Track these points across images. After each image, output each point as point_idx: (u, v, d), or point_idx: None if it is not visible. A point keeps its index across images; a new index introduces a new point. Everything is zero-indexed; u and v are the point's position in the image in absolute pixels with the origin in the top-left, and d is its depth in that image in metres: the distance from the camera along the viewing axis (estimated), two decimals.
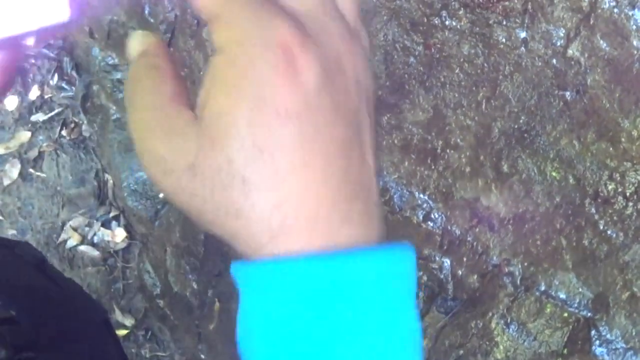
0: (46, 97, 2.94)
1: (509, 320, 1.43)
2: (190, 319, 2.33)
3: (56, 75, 2.85)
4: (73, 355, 0.73)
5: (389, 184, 1.50)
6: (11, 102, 2.88)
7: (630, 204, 1.21)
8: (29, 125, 2.92)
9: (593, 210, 1.26)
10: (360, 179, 0.45)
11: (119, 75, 2.57)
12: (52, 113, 2.91)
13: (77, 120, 2.90)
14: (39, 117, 2.91)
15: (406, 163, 1.46)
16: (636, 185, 1.19)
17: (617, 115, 1.14)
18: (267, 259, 0.43)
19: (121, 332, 2.58)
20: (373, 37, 1.36)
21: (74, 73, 2.82)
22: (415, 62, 1.35)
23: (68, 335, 0.91)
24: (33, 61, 2.92)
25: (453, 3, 1.31)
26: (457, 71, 1.31)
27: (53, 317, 0.91)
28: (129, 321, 2.62)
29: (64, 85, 2.92)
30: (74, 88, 2.89)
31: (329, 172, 0.43)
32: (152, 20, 2.20)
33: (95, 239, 2.73)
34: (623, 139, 1.15)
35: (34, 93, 2.93)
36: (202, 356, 2.37)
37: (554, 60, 1.19)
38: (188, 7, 1.99)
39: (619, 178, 1.20)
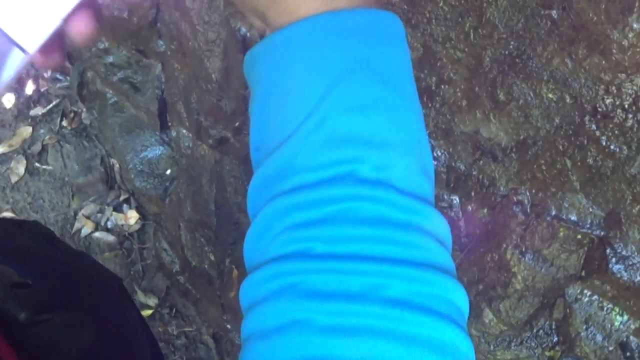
0: (42, 90, 2.94)
1: (523, 249, 1.43)
2: (212, 290, 2.34)
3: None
4: (91, 317, 0.74)
5: None
6: (8, 99, 2.88)
7: (630, 115, 1.20)
8: (29, 120, 2.92)
9: (594, 126, 1.25)
10: None
11: (111, 59, 2.56)
12: (51, 105, 2.91)
13: (75, 109, 2.90)
14: (38, 110, 2.91)
15: None
16: (633, 96, 1.18)
17: (606, 26, 1.12)
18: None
19: (146, 313, 2.60)
20: None
21: (66, 62, 2.82)
22: (398, 0, 1.34)
23: (85, 299, 0.92)
24: None
25: None
26: (441, 4, 1.30)
27: (68, 283, 0.92)
28: (152, 301, 2.64)
29: (58, 76, 2.92)
30: (68, 77, 2.89)
31: None
32: None
33: (109, 224, 2.74)
34: (614, 50, 1.14)
35: (29, 88, 2.93)
36: (228, 326, 2.39)
37: None
38: None
39: (615, 91, 1.19)
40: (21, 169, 2.83)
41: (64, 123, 2.89)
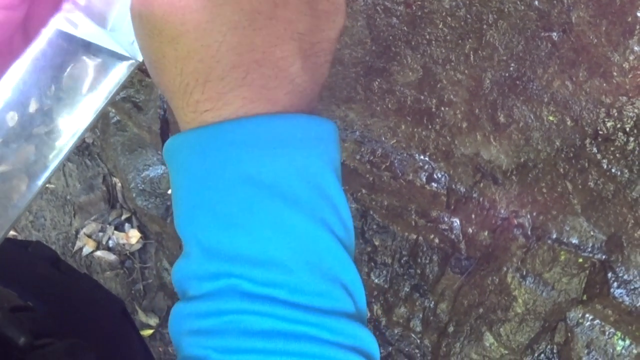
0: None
1: (524, 272, 1.42)
2: None
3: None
4: (93, 342, 0.73)
5: (388, 149, 1.48)
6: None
7: (631, 138, 1.19)
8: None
9: (595, 149, 1.24)
10: (266, 51, 0.46)
11: None
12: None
13: None
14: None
15: (403, 126, 1.45)
16: (634, 118, 1.17)
17: (606, 49, 1.12)
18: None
19: (147, 332, 2.59)
20: (353, 3, 1.34)
21: None
22: (398, 22, 1.33)
23: (86, 323, 0.91)
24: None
25: None
26: (440, 26, 1.29)
27: (70, 307, 0.91)
28: (153, 320, 2.63)
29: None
30: None
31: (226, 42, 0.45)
32: None
33: (111, 243, 2.73)
34: (615, 73, 1.13)
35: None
36: None
37: (536, 2, 1.16)
38: None
39: (616, 114, 1.18)
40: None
41: None
